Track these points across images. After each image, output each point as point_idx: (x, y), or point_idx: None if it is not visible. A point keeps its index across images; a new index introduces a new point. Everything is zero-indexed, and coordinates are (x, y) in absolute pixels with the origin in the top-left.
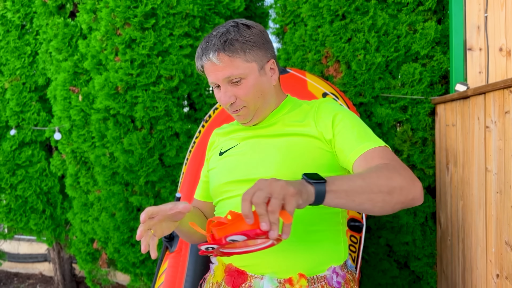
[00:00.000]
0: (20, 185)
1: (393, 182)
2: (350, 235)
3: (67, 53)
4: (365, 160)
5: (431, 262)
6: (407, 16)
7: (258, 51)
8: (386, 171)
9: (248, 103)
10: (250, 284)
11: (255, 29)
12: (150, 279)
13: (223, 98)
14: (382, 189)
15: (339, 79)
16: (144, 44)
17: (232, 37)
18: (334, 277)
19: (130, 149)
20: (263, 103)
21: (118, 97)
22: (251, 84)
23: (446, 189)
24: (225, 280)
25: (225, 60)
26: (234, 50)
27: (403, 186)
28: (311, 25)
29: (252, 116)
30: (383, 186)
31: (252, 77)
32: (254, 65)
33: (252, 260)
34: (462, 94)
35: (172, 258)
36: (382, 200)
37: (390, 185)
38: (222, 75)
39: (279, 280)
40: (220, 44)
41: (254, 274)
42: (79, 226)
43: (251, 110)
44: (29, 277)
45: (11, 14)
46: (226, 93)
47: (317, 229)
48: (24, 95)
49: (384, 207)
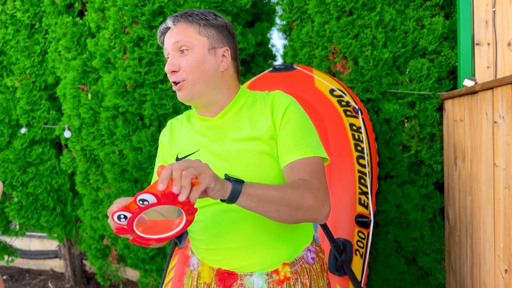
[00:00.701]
0: (31, 183)
1: (303, 202)
2: (358, 230)
3: (76, 51)
4: (292, 169)
5: (439, 258)
6: (415, 12)
7: (214, 32)
8: (301, 190)
9: (187, 76)
10: (241, 282)
11: (221, 19)
12: (160, 275)
13: (168, 64)
14: (291, 204)
15: (346, 75)
16: (152, 42)
17: (195, 13)
18: (309, 254)
19: (139, 146)
20: (204, 83)
21: (127, 95)
22: (195, 57)
23: (454, 184)
24: (215, 281)
25: (180, 26)
26: (191, 21)
27: (311, 207)
28: (318, 21)
29: (191, 93)
30: (293, 202)
31: (199, 50)
32: (205, 40)
33: (240, 262)
34: (470, 89)
35: (181, 254)
36: (288, 213)
37: (300, 203)
38: (173, 39)
39: (267, 273)
40: (181, 15)
41: (243, 273)
42: (90, 222)
43: (190, 85)
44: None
45: (21, 13)
46: (172, 60)
47: None
48: (34, 93)
49: (288, 219)
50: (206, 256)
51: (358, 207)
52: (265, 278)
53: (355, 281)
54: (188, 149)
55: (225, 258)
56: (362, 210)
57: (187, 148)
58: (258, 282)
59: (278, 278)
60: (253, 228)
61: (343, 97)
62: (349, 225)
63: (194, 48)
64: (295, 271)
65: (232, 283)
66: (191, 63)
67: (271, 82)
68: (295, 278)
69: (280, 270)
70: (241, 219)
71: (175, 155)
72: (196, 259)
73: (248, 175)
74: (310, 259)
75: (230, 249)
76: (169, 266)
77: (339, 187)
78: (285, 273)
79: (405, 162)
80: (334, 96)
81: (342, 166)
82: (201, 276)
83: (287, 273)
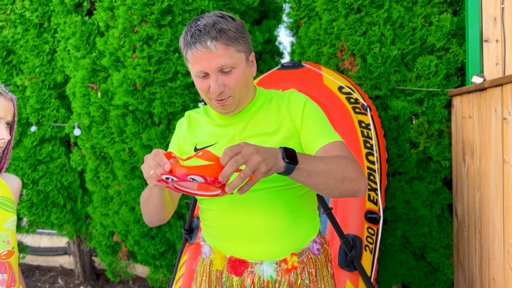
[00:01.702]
0: (42, 180)
1: (347, 173)
2: (368, 226)
3: (85, 50)
4: (326, 151)
5: (448, 253)
6: (423, 9)
7: (244, 43)
8: (344, 163)
9: (234, 92)
10: (252, 270)
11: (238, 22)
12: (170, 271)
13: (214, 86)
14: (337, 176)
15: (355, 72)
16: (161, 41)
17: (225, 27)
18: (314, 245)
19: (149, 144)
20: (246, 93)
21: (137, 94)
22: (240, 74)
23: (463, 180)
24: (227, 269)
25: (222, 48)
26: (229, 40)
27: (354, 178)
28: (326, 18)
29: (235, 106)
30: (339, 174)
31: (241, 67)
32: (243, 55)
33: (251, 251)
34: (478, 86)
35: (192, 249)
36: (334, 185)
37: (344, 175)
38: (216, 63)
39: (276, 261)
40: (216, 33)
41: (254, 261)
42: (100, 219)
43: (236, 99)
44: (50, 269)
45: (30, 13)
46: (217, 81)
47: (301, 214)
48: (44, 92)
49: (333, 192)
50: (219, 243)
51: (367, 204)
52: (274, 267)
53: (365, 276)
54: (207, 141)
55: (237, 246)
56: (371, 206)
57: (205, 139)
58: (268, 270)
59: (287, 267)
60: (265, 220)
61: (351, 94)
62: (358, 221)
63: (236, 66)
64: (302, 261)
65: (243, 270)
66: (236, 81)
67: (279, 79)
68: (302, 267)
69: (288, 259)
70: (255, 210)
71: (194, 144)
72: (208, 247)
73: None
74: (315, 250)
75: (243, 238)
76: (180, 262)
77: None
78: (293, 263)
79: (413, 158)
80: (342, 93)
81: None
82: (213, 263)
83: (295, 262)
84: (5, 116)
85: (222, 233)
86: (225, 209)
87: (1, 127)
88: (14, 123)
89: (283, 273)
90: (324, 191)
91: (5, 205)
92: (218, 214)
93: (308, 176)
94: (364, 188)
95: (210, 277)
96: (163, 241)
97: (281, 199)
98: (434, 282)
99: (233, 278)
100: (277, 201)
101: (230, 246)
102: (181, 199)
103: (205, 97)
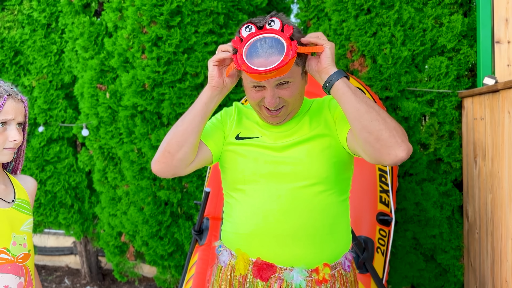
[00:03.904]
0: (49, 181)
1: (390, 121)
2: (379, 228)
3: (94, 51)
4: None
5: (458, 255)
6: (433, 10)
7: (302, 56)
8: (389, 117)
9: (288, 104)
10: (280, 276)
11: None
12: (178, 272)
13: (271, 100)
14: (380, 113)
15: (365, 73)
16: (170, 42)
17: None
18: (346, 261)
19: (158, 145)
20: (299, 105)
21: (145, 94)
22: (296, 87)
23: (474, 182)
24: (252, 273)
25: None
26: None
27: (395, 128)
28: (335, 19)
29: (285, 116)
30: (382, 113)
31: (297, 79)
32: (300, 68)
33: (282, 254)
34: (491, 87)
35: (202, 251)
36: (375, 117)
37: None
38: (276, 78)
39: (308, 270)
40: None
41: (283, 267)
42: (107, 220)
43: (288, 110)
44: (56, 269)
45: (37, 13)
46: (274, 95)
47: (339, 223)
48: (51, 92)
49: (372, 123)
50: (246, 244)
51: (379, 205)
52: (305, 275)
53: (377, 278)
54: (251, 132)
55: (267, 248)
56: (383, 208)
57: (249, 131)
58: (298, 278)
59: (317, 278)
60: (302, 221)
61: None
62: (370, 223)
63: (294, 80)
64: (333, 275)
65: (270, 275)
66: (291, 94)
67: None
68: (332, 281)
69: (320, 269)
70: (292, 209)
71: (237, 133)
72: (227, 254)
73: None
74: (346, 266)
75: (275, 238)
76: (190, 263)
77: (360, 186)
78: (324, 275)
79: (424, 160)
80: None
81: (363, 164)
82: (235, 268)
83: (326, 275)
84: (16, 117)
85: (252, 231)
86: (260, 204)
87: (13, 129)
88: (26, 124)
89: (313, 284)
90: (362, 116)
91: (21, 207)
92: (251, 210)
93: (355, 94)
94: (404, 148)
95: (231, 284)
96: (172, 242)
97: (320, 202)
98: (444, 284)
99: (258, 283)
100: (316, 203)
101: (259, 246)
102: (190, 200)
103: (256, 106)
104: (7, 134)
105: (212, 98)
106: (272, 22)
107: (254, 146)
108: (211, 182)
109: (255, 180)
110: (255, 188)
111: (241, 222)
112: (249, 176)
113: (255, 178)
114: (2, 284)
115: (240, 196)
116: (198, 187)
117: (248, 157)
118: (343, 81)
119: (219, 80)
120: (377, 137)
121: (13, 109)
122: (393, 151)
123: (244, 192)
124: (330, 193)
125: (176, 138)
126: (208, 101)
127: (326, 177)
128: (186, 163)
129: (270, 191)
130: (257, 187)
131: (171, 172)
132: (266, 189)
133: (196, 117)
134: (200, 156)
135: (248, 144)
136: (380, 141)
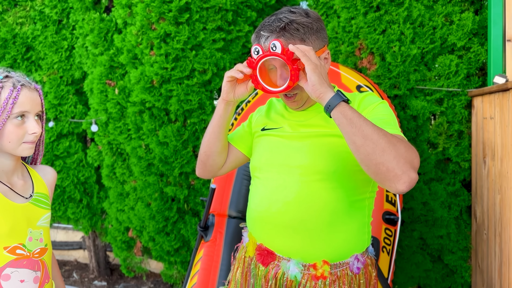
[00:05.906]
0: (59, 175)
1: (392, 147)
2: (385, 228)
3: (103, 47)
4: None
5: (465, 256)
6: (443, 7)
7: (315, 38)
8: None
9: (301, 90)
10: (278, 264)
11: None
12: (184, 267)
13: (278, 81)
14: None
15: (373, 71)
16: (178, 39)
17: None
18: (355, 263)
19: (165, 141)
20: None
21: (154, 91)
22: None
23: (483, 182)
24: (256, 257)
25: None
26: (293, 37)
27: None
28: (344, 16)
29: (303, 102)
30: (381, 143)
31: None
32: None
33: (281, 244)
34: (501, 86)
35: (207, 247)
36: (372, 150)
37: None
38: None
39: (304, 264)
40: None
41: (282, 256)
42: (115, 215)
43: (304, 97)
44: (65, 263)
45: (49, 9)
46: (282, 76)
47: (345, 222)
48: (62, 88)
49: (368, 156)
50: (254, 228)
51: (385, 204)
52: (301, 269)
53: (382, 278)
54: (275, 124)
55: (268, 235)
56: (389, 207)
57: (274, 123)
58: (294, 269)
59: (315, 273)
60: (300, 214)
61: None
62: (376, 222)
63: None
64: (335, 273)
65: (270, 261)
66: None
67: None
68: (333, 280)
69: (318, 266)
70: (292, 200)
71: (264, 125)
72: (246, 235)
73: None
74: (355, 268)
75: (275, 227)
76: (195, 259)
77: None
78: (323, 272)
79: (432, 159)
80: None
81: None
82: (246, 249)
83: (325, 272)
84: (33, 109)
85: (256, 217)
86: (267, 193)
87: (31, 121)
88: (44, 114)
89: (310, 278)
90: (359, 148)
91: (39, 201)
92: (259, 197)
93: (351, 122)
94: (405, 180)
95: (244, 263)
96: (178, 238)
97: (325, 199)
98: (451, 285)
99: (259, 267)
100: (317, 197)
101: (261, 233)
102: (197, 196)
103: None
104: (26, 126)
105: (226, 110)
106: (274, 47)
107: (274, 136)
108: (217, 179)
109: (267, 170)
110: (267, 177)
111: (250, 208)
112: (264, 166)
113: (268, 168)
114: (18, 279)
115: (256, 183)
116: (205, 183)
117: (265, 147)
118: (338, 110)
119: (230, 94)
120: (375, 171)
121: (29, 99)
122: (393, 184)
123: (259, 179)
124: (337, 192)
125: (203, 148)
126: (222, 113)
127: (333, 173)
128: (217, 167)
129: (278, 182)
130: (269, 176)
131: (209, 175)
132: (275, 179)
133: (215, 128)
134: (232, 158)
135: (270, 134)
136: (378, 174)
